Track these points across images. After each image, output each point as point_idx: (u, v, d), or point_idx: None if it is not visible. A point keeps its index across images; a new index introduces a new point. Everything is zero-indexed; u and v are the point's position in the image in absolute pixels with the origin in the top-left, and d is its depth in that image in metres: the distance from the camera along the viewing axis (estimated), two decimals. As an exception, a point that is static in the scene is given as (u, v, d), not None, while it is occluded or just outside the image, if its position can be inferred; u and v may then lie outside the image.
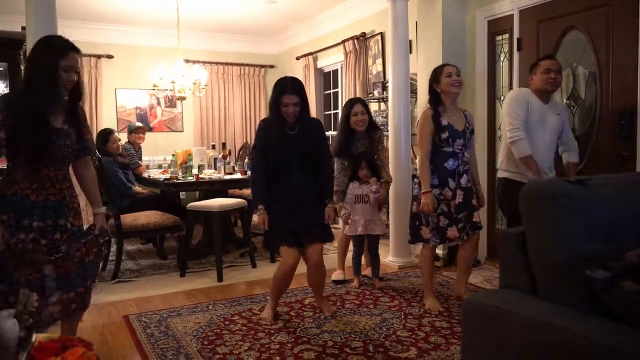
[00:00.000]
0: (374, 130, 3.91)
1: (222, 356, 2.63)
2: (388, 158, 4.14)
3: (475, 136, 3.22)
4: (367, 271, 4.02)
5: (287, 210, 3.05)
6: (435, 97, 3.18)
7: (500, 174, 3.32)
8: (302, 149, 3.04)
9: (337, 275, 3.98)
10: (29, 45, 3.13)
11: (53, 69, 2.15)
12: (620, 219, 1.49)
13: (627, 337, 1.21)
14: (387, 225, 4.56)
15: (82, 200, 2.62)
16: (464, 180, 3.13)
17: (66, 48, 2.20)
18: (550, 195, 1.46)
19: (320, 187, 3.15)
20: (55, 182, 2.22)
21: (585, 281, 1.32)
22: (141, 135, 5.63)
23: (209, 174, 4.99)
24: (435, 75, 3.17)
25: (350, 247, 4.00)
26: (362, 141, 3.84)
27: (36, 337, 1.63)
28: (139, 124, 5.95)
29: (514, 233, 1.62)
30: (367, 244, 3.88)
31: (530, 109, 3.13)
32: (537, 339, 1.36)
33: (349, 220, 3.76)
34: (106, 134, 4.98)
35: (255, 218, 2.82)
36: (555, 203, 1.45)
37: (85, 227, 2.41)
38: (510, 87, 4.11)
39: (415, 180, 3.25)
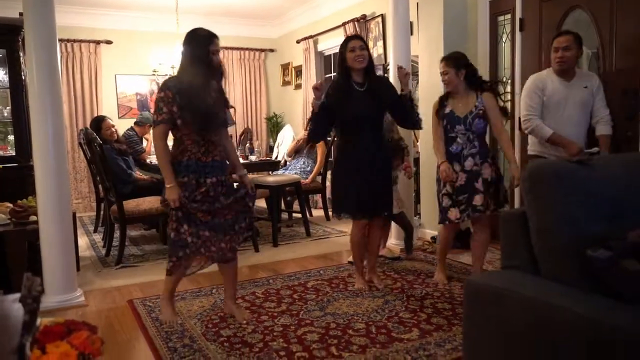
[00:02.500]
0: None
1: (226, 339, 2.65)
2: None
3: (494, 114, 3.16)
4: (383, 251, 4.07)
5: (357, 169, 3.15)
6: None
7: (530, 152, 3.43)
8: (369, 107, 3.13)
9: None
10: (26, 31, 3.10)
11: (206, 53, 2.64)
12: (623, 199, 1.48)
13: (628, 316, 1.22)
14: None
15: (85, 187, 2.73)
16: (468, 163, 3.15)
17: (211, 36, 2.70)
18: (552, 176, 1.45)
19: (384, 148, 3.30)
20: (217, 145, 2.73)
21: (587, 261, 1.32)
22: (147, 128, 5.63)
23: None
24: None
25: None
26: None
27: (41, 321, 1.65)
28: (147, 114, 5.83)
29: (515, 213, 1.61)
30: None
31: (547, 93, 3.19)
32: (539, 319, 1.37)
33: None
34: (99, 121, 4.95)
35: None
36: (556, 183, 1.44)
37: None
38: (513, 69, 4.08)
39: (438, 166, 3.30)
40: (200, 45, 2.67)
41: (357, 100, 3.12)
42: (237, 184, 2.89)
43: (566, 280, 1.43)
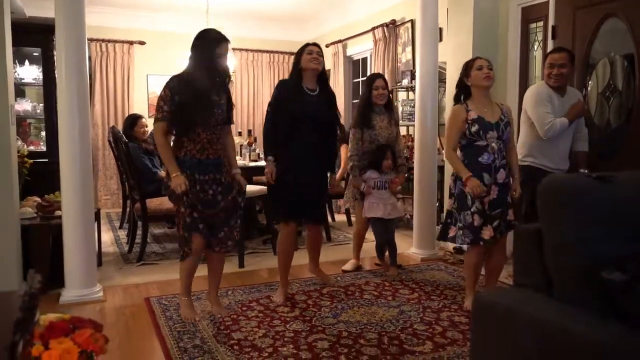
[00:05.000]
0: (392, 111, 3.94)
1: (236, 342, 2.65)
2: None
3: (513, 128, 3.07)
4: (347, 265, 4.03)
5: (297, 172, 3.14)
6: (465, 91, 3.07)
7: (521, 162, 3.26)
8: (319, 111, 3.16)
9: (349, 265, 4.00)
10: (56, 31, 3.18)
11: (212, 56, 2.75)
12: (644, 218, 1.40)
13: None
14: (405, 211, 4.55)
15: (114, 184, 2.90)
16: (500, 175, 2.92)
17: (220, 38, 2.79)
18: (569, 192, 1.38)
19: (330, 152, 3.34)
20: (213, 143, 2.79)
21: (602, 283, 1.25)
22: None
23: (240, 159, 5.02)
24: (466, 69, 3.05)
25: (368, 237, 3.98)
26: (382, 116, 3.82)
27: (45, 317, 1.67)
28: None
29: (529, 230, 1.55)
30: (384, 231, 3.83)
31: (552, 105, 3.16)
32: (549, 342, 1.30)
33: (365, 203, 3.76)
34: (134, 118, 5.05)
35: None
36: (574, 200, 1.37)
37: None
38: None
39: (451, 176, 3.08)
40: (207, 48, 2.77)
41: (309, 103, 3.16)
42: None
43: (580, 301, 1.35)
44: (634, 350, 1.14)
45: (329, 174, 3.44)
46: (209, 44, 2.77)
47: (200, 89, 2.74)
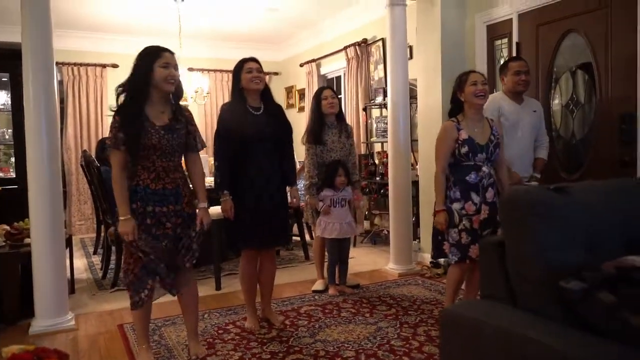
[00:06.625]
0: (344, 123, 3.91)
1: (211, 366, 2.61)
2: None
3: (503, 146, 2.98)
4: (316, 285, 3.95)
5: (252, 196, 2.96)
6: (457, 107, 2.94)
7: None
8: (267, 130, 2.98)
9: (318, 285, 3.93)
10: (23, 54, 3.16)
11: (148, 71, 2.41)
12: (602, 227, 1.44)
13: (599, 350, 1.17)
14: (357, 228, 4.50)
15: (88, 209, 2.70)
16: (489, 194, 2.84)
17: (159, 50, 2.47)
18: (527, 203, 1.42)
19: (286, 172, 3.12)
20: (169, 172, 2.49)
21: (560, 292, 1.28)
22: None
23: (209, 181, 4.98)
24: (460, 83, 2.91)
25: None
26: (334, 130, 3.78)
27: (10, 349, 1.63)
28: None
29: (492, 242, 1.57)
30: (338, 250, 3.82)
31: (502, 114, 3.19)
32: (513, 352, 1.32)
33: (321, 222, 3.72)
34: (104, 142, 5.00)
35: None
36: (532, 211, 1.40)
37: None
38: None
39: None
40: (145, 62, 2.43)
41: (253, 123, 2.95)
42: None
43: (542, 311, 1.38)
44: (594, 357, 1.17)
45: (288, 188, 3.21)
46: (146, 58, 2.44)
47: (136, 112, 2.42)
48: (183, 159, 2.67)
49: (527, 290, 1.43)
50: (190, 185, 2.70)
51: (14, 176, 4.38)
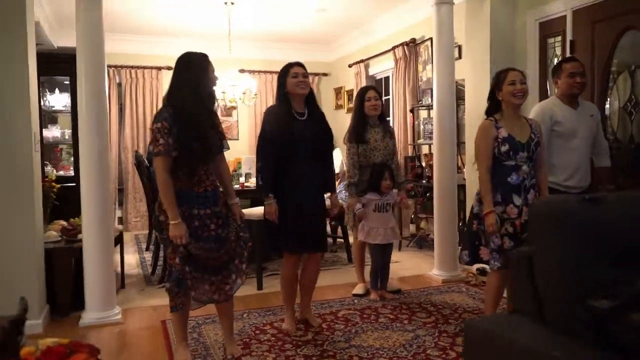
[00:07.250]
0: (387, 123, 3.88)
1: (245, 366, 2.64)
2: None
3: (544, 146, 2.86)
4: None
5: (294, 200, 2.98)
6: (495, 105, 2.84)
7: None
8: (310, 135, 3.00)
9: (358, 288, 3.89)
10: (77, 59, 3.32)
11: (205, 80, 2.55)
12: (637, 240, 1.33)
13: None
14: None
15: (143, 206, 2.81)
16: (531, 196, 2.69)
17: (207, 59, 2.60)
18: (556, 215, 1.33)
19: (326, 178, 3.16)
20: (209, 174, 2.59)
21: (589, 310, 1.20)
22: None
23: (255, 182, 5.06)
24: (498, 81, 2.81)
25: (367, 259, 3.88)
26: (376, 129, 3.73)
27: (45, 342, 1.71)
28: None
29: (522, 255, 1.49)
30: (382, 255, 3.75)
31: (556, 121, 2.98)
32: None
33: (365, 227, 3.66)
34: None
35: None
36: (562, 224, 1.32)
37: None
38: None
39: (476, 195, 2.89)
40: (199, 71, 2.54)
41: (297, 128, 2.98)
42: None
43: (570, 328, 1.29)
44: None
45: (328, 194, 3.24)
46: (199, 67, 2.55)
47: (199, 118, 2.52)
48: None
49: (554, 306, 1.35)
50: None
51: (73, 174, 4.61)
